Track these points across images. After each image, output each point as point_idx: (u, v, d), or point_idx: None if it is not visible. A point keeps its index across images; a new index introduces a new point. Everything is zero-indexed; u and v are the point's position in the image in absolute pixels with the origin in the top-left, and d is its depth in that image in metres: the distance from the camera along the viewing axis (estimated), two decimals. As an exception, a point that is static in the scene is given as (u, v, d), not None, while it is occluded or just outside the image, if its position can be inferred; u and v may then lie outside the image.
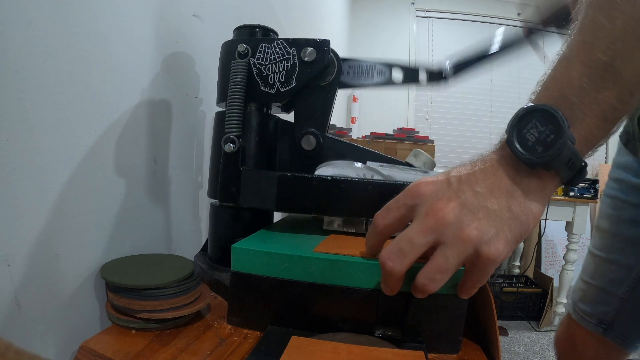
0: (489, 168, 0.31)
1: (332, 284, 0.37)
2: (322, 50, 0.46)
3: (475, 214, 0.29)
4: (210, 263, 0.51)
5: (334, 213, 0.45)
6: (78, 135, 0.40)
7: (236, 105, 0.45)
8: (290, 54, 0.47)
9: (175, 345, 0.36)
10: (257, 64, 0.47)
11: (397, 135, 1.32)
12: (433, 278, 0.30)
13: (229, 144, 0.44)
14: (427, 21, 2.96)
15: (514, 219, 0.29)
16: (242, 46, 0.46)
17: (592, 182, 1.88)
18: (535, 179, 0.30)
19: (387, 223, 0.33)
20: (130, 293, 0.38)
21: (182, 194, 0.60)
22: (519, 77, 2.86)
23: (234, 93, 0.45)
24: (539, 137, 0.29)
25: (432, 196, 0.30)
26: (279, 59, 0.47)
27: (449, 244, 0.29)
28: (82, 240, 0.41)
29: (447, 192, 0.30)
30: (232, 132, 0.45)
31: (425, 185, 0.31)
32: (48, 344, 0.38)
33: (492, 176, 0.30)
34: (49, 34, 0.35)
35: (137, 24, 0.47)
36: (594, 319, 0.66)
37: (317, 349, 0.33)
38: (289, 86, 0.47)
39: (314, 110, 0.49)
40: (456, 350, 0.37)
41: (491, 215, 0.29)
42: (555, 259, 2.55)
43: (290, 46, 0.47)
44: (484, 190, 0.30)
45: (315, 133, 0.49)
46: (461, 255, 0.29)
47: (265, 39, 0.47)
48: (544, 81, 0.31)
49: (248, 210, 0.52)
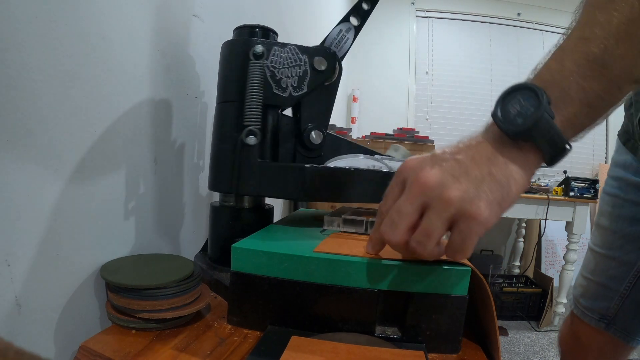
0: (472, 142, 0.34)
1: (332, 284, 0.37)
2: (332, 60, 0.51)
3: (457, 177, 0.31)
4: (210, 263, 0.51)
5: (351, 200, 0.51)
6: (78, 135, 0.40)
7: (255, 100, 0.46)
8: (302, 61, 0.50)
9: (175, 345, 0.36)
10: (270, 67, 0.49)
11: (397, 135, 1.32)
12: (420, 241, 0.31)
13: (251, 136, 0.46)
14: (427, 21, 2.96)
15: (495, 182, 0.31)
16: (260, 47, 0.47)
17: (592, 182, 1.88)
18: (516, 150, 0.32)
19: (386, 206, 0.34)
20: (130, 293, 0.38)
21: (182, 194, 0.60)
22: (519, 77, 2.84)
23: (252, 88, 0.46)
24: (520, 110, 0.32)
25: (417, 167, 0.32)
26: (292, 64, 0.50)
27: (433, 207, 0.31)
28: (82, 240, 0.41)
29: (429, 162, 0.32)
30: (252, 125, 0.46)
31: (411, 160, 0.34)
32: (48, 344, 0.38)
33: (474, 147, 0.33)
34: (48, 34, 0.35)
35: (137, 24, 0.47)
36: (595, 314, 0.67)
37: (316, 349, 0.33)
38: (300, 91, 0.51)
39: (319, 107, 0.52)
40: (456, 350, 0.37)
41: (471, 179, 0.31)
42: (555, 259, 2.54)
43: (302, 53, 0.50)
44: (466, 159, 0.32)
45: (321, 128, 0.52)
46: (443, 215, 0.30)
47: (278, 43, 0.49)
48: (538, 68, 0.34)
49: (248, 210, 0.52)
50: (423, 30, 2.95)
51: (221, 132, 0.51)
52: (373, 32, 2.96)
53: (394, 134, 1.32)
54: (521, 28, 2.89)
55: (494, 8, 2.90)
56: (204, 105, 0.64)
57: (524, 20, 2.88)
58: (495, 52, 2.88)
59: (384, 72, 2.94)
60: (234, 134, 0.48)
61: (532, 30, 2.88)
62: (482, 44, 2.89)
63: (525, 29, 2.89)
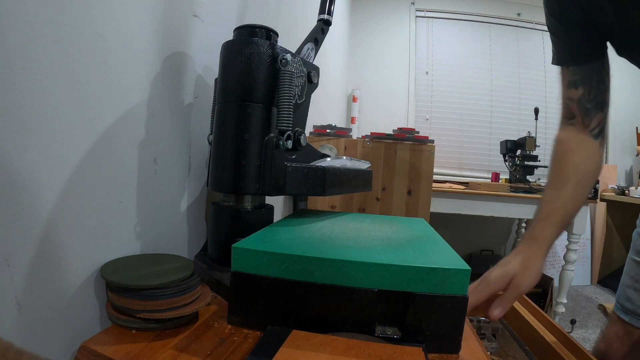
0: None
1: (332, 284, 0.37)
2: (318, 75, 0.60)
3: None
4: (210, 263, 0.51)
5: (351, 191, 0.66)
6: (78, 135, 0.40)
7: (290, 105, 0.50)
8: (304, 73, 0.57)
9: (175, 345, 0.36)
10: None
11: (397, 135, 1.32)
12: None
13: (289, 141, 0.51)
14: (427, 21, 2.96)
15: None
16: (289, 56, 0.51)
17: (592, 182, 1.88)
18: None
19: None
20: (130, 293, 0.38)
21: (182, 194, 0.60)
22: (519, 77, 2.86)
23: (284, 95, 0.50)
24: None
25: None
26: (299, 74, 0.55)
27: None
28: (82, 240, 0.41)
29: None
30: (287, 129, 0.50)
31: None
32: (48, 344, 0.37)
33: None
34: (48, 34, 0.35)
35: (137, 24, 0.47)
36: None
37: (315, 342, 0.33)
38: (301, 100, 0.57)
39: (304, 114, 0.60)
40: (456, 350, 0.37)
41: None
42: (555, 259, 2.55)
43: (303, 65, 0.57)
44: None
45: (303, 133, 0.57)
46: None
47: (293, 53, 0.52)
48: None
49: (248, 210, 0.52)
50: (423, 30, 2.95)
51: (235, 132, 0.50)
52: (373, 32, 2.96)
53: (394, 134, 1.32)
54: (521, 28, 2.89)
55: (494, 8, 2.90)
56: (204, 105, 0.64)
57: (524, 20, 2.88)
58: (495, 52, 2.88)
59: (384, 72, 2.94)
60: (257, 136, 0.50)
61: (532, 30, 2.88)
62: (482, 44, 2.89)
63: (525, 29, 2.89)
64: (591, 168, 0.62)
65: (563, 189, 0.60)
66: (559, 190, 0.60)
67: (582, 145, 0.62)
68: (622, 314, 0.68)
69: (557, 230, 0.58)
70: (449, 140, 2.81)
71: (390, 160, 1.30)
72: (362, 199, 1.32)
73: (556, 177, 0.62)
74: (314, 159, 0.61)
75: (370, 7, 2.97)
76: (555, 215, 0.58)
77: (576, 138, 0.63)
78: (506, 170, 2.17)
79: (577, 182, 0.60)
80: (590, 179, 0.62)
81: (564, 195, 0.59)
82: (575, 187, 0.60)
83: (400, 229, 0.56)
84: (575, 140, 0.63)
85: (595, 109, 0.62)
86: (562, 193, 0.60)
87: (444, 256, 0.41)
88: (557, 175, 0.62)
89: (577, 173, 0.61)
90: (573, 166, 0.61)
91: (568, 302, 1.98)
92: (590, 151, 0.62)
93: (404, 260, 0.38)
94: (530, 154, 1.99)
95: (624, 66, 0.65)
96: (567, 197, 0.59)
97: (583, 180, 0.61)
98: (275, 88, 0.51)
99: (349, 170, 0.64)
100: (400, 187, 1.30)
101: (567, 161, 0.62)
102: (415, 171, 1.30)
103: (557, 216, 0.59)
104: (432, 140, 1.31)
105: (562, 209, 0.59)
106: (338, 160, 0.66)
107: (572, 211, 0.60)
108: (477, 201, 1.84)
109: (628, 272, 0.70)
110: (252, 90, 0.49)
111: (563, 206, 0.59)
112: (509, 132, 2.64)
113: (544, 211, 0.60)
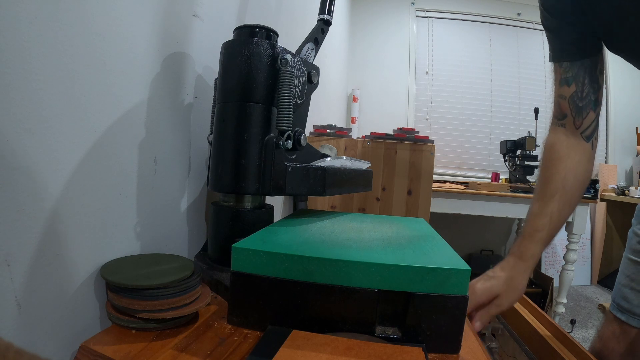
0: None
1: (332, 284, 0.37)
2: (318, 75, 0.60)
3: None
4: (210, 263, 0.51)
5: (351, 191, 0.67)
6: (78, 135, 0.40)
7: (290, 105, 0.50)
8: (304, 73, 0.56)
9: (175, 345, 0.36)
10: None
11: (397, 135, 1.32)
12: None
13: (289, 141, 0.50)
14: (427, 21, 2.96)
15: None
16: (289, 56, 0.50)
17: (592, 182, 1.88)
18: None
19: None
20: (130, 293, 0.38)
21: (182, 194, 0.60)
22: (519, 77, 2.86)
23: (284, 95, 0.50)
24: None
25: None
26: (299, 74, 0.55)
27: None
28: (82, 240, 0.41)
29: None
30: (287, 129, 0.50)
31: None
32: (48, 344, 0.37)
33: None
34: (48, 34, 0.35)
35: (137, 24, 0.47)
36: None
37: (315, 342, 0.33)
38: (301, 100, 0.56)
39: (304, 114, 0.60)
40: (456, 350, 0.37)
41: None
42: (555, 259, 2.55)
43: (303, 65, 0.56)
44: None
45: (303, 133, 0.56)
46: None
47: (293, 53, 0.52)
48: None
49: (248, 210, 0.52)
50: (423, 30, 2.95)
51: (235, 132, 0.50)
52: (373, 32, 2.96)
53: (394, 134, 1.32)
54: (521, 28, 2.89)
55: (494, 8, 2.90)
56: (204, 105, 0.64)
57: (524, 20, 2.88)
58: (495, 52, 2.88)
59: (384, 72, 2.94)
60: (257, 136, 0.50)
61: (532, 30, 2.88)
62: (482, 44, 2.89)
63: (525, 29, 2.89)
64: (581, 176, 0.62)
65: (550, 203, 0.60)
66: (546, 203, 0.61)
67: (572, 150, 0.62)
68: (618, 313, 0.68)
69: (543, 247, 0.60)
70: (449, 140, 2.81)
71: (390, 160, 1.30)
72: (362, 199, 1.32)
73: (544, 188, 0.62)
74: (314, 159, 0.61)
75: (370, 7, 2.97)
76: (541, 232, 0.59)
77: (566, 142, 0.62)
78: (506, 170, 2.17)
79: (565, 193, 0.61)
80: (579, 188, 0.62)
81: (550, 209, 0.60)
82: (562, 199, 0.60)
83: (400, 229, 0.56)
84: (565, 145, 0.62)
85: (587, 108, 0.61)
86: (548, 208, 0.60)
87: (444, 256, 0.41)
88: (544, 186, 0.62)
89: (564, 184, 0.61)
90: (560, 177, 0.61)
91: (568, 302, 1.98)
92: (580, 155, 0.62)
93: (404, 260, 0.38)
94: (530, 154, 1.99)
95: (624, 66, 0.65)
96: (554, 211, 0.60)
97: (571, 192, 0.61)
98: (275, 88, 0.51)
99: (349, 170, 0.64)
100: (400, 187, 1.30)
101: (555, 171, 0.62)
102: (415, 171, 1.30)
103: (543, 233, 0.60)
104: (432, 140, 1.31)
105: (548, 225, 0.60)
106: (338, 160, 0.67)
107: (559, 224, 0.61)
108: (477, 201, 1.85)
109: (624, 271, 0.70)
110: (252, 90, 0.49)
111: (549, 222, 0.60)
112: (509, 132, 2.64)
113: (531, 226, 0.61)
